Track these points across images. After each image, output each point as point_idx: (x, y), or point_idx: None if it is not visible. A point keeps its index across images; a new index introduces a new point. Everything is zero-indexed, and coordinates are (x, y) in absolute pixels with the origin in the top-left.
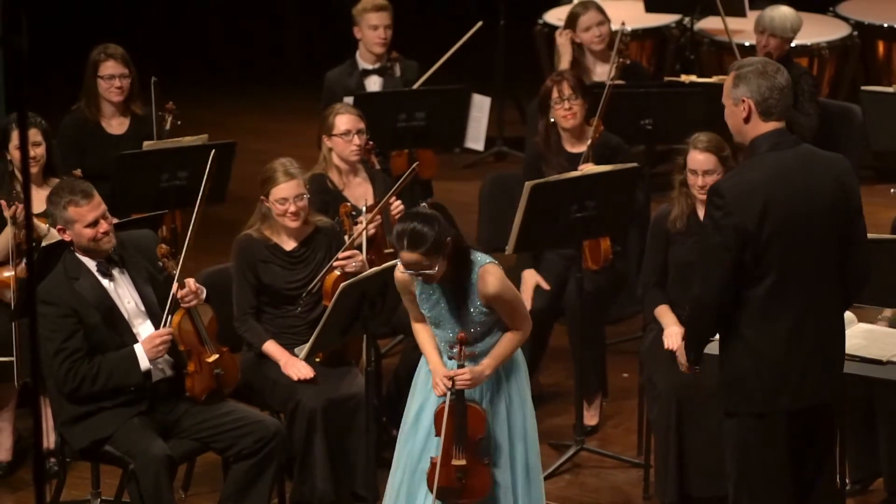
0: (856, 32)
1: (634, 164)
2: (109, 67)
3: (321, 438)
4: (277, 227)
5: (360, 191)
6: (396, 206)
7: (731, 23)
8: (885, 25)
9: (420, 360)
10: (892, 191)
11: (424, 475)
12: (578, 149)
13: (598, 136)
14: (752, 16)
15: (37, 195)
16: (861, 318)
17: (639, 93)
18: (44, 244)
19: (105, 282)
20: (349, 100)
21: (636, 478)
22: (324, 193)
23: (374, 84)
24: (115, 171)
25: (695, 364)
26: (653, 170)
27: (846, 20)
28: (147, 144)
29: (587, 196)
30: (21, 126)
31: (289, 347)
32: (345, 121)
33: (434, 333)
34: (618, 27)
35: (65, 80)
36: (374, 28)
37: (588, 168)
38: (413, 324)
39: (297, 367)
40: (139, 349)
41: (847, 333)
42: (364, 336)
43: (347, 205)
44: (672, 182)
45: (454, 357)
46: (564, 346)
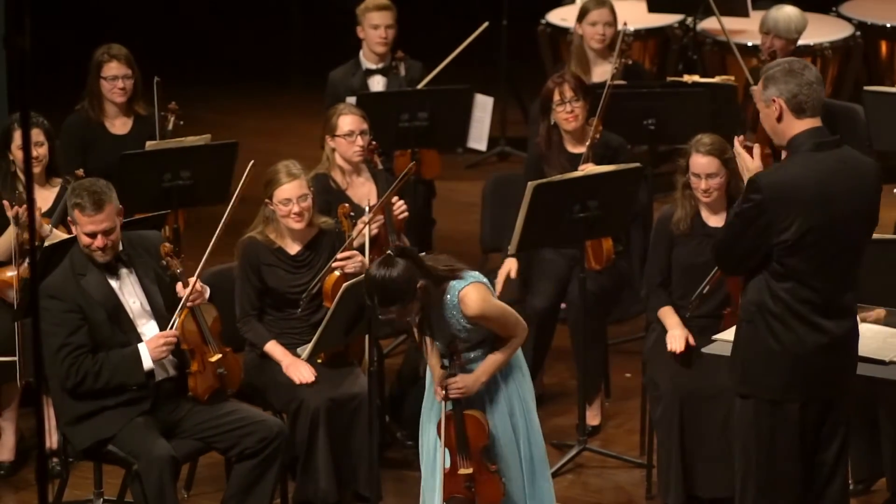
0: (858, 32)
1: (637, 164)
2: (113, 68)
3: (324, 438)
4: (281, 230)
5: (363, 191)
6: (399, 206)
7: (735, 23)
8: (888, 25)
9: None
10: (895, 191)
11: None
12: (580, 149)
13: (598, 137)
14: (755, 15)
15: (39, 195)
16: (863, 319)
17: (641, 93)
18: (46, 244)
19: (111, 280)
20: (352, 99)
21: (639, 478)
22: (327, 194)
23: (378, 84)
24: (118, 171)
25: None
26: (655, 170)
27: (849, 20)
28: (150, 144)
29: (590, 196)
30: (24, 126)
31: (291, 349)
32: (348, 121)
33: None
34: (620, 27)
35: (68, 81)
36: (376, 27)
37: (589, 168)
38: None
39: (300, 370)
40: (143, 348)
41: None
42: (367, 336)
43: (346, 206)
44: (675, 183)
45: (447, 366)
46: (567, 346)
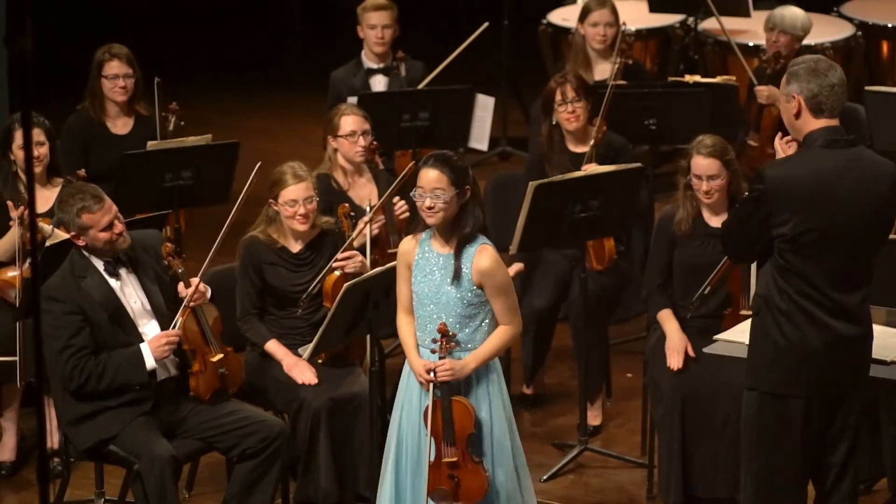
0: (859, 32)
1: (638, 164)
2: (114, 67)
3: (325, 438)
4: (284, 230)
5: (365, 191)
6: (401, 206)
7: (736, 23)
8: (889, 25)
9: (402, 371)
10: None
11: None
12: (582, 149)
13: (601, 137)
14: (756, 15)
15: (40, 195)
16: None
17: (643, 93)
18: (48, 244)
19: (112, 281)
20: (353, 99)
21: (640, 478)
22: (328, 194)
23: (379, 83)
24: (119, 171)
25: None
26: (657, 170)
27: (850, 20)
28: (151, 144)
29: (591, 196)
30: (25, 126)
31: (292, 348)
32: (350, 122)
33: (415, 319)
34: (620, 27)
35: (69, 81)
36: (373, 27)
37: (591, 168)
38: (398, 315)
39: (301, 370)
40: (145, 348)
41: None
42: (368, 336)
43: (346, 205)
44: (676, 183)
45: (436, 350)
46: (568, 346)
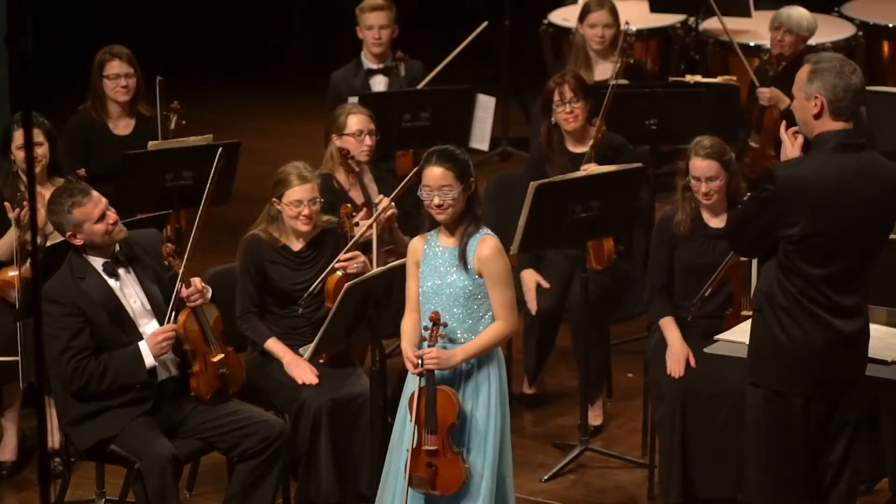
0: (860, 33)
1: (639, 164)
2: (115, 67)
3: (326, 438)
4: (285, 229)
5: (367, 190)
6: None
7: (737, 23)
8: (890, 25)
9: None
10: None
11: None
12: (581, 149)
13: (601, 137)
14: (757, 15)
15: (41, 195)
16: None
17: (643, 93)
18: (48, 244)
19: (111, 281)
20: (354, 99)
21: (641, 478)
22: (330, 194)
23: (380, 84)
24: (120, 171)
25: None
26: (657, 170)
27: (851, 20)
28: (152, 144)
29: (591, 196)
30: (26, 126)
31: (293, 348)
32: (356, 121)
33: (421, 316)
34: (622, 27)
35: (70, 81)
36: (370, 28)
37: (591, 168)
38: (405, 313)
39: (302, 369)
40: (144, 346)
41: None
42: (371, 336)
43: (348, 206)
44: (676, 184)
45: (426, 338)
46: (569, 347)
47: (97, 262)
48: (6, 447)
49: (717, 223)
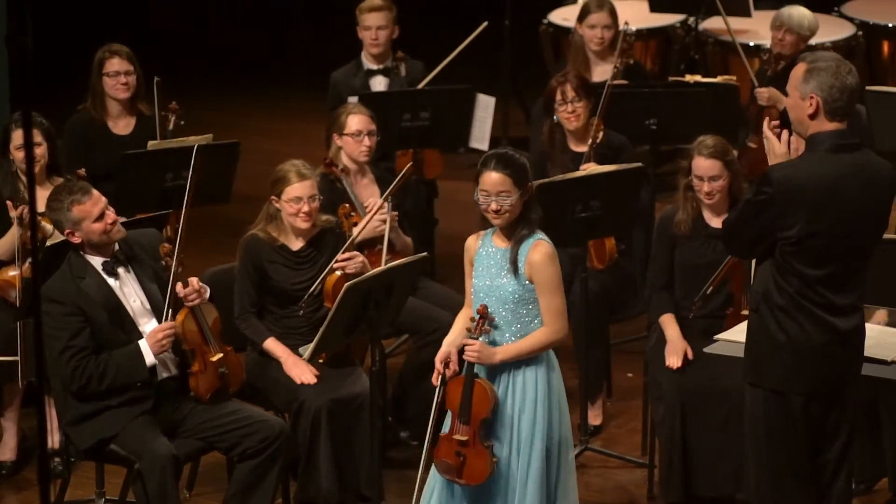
0: (860, 32)
1: (639, 164)
2: (115, 64)
3: (325, 438)
4: (284, 228)
5: (367, 192)
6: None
7: (736, 23)
8: (890, 25)
9: None
10: None
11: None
12: (583, 148)
13: (599, 137)
14: (757, 15)
15: (40, 195)
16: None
17: (643, 93)
18: (48, 244)
19: (111, 280)
20: (354, 99)
21: (640, 478)
22: (331, 193)
23: (379, 84)
24: (120, 171)
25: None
26: (657, 170)
27: (851, 20)
28: (151, 144)
29: (592, 196)
30: (26, 126)
31: (293, 348)
32: (356, 121)
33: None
34: (621, 27)
35: (70, 81)
36: (368, 28)
37: (591, 168)
38: (461, 310)
39: (301, 370)
40: (144, 345)
41: None
42: (371, 336)
43: (346, 206)
44: (677, 184)
45: (472, 329)
46: (568, 346)
47: (97, 262)
48: (6, 447)
49: (718, 223)
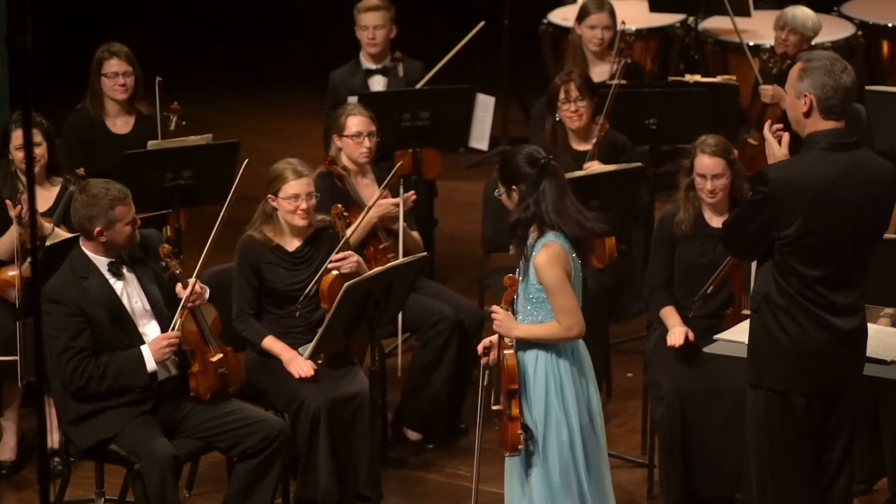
0: (860, 32)
1: (639, 164)
2: (113, 65)
3: (325, 438)
4: (280, 228)
5: (368, 192)
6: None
7: (737, 22)
8: (890, 25)
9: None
10: None
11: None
12: (585, 147)
13: (604, 135)
14: (757, 15)
15: (39, 195)
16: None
17: (643, 92)
18: (48, 244)
19: (114, 281)
20: (353, 99)
21: (640, 477)
22: (332, 192)
23: (378, 84)
24: (120, 171)
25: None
26: (657, 169)
27: (850, 20)
28: (151, 144)
29: (591, 195)
30: (25, 126)
31: (292, 348)
32: (356, 122)
33: None
34: (619, 27)
35: (69, 80)
36: (365, 28)
37: (593, 167)
38: None
39: (299, 364)
40: (146, 350)
41: None
42: (370, 335)
43: (339, 206)
44: (678, 184)
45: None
46: None
47: (101, 262)
48: (6, 447)
49: (719, 223)
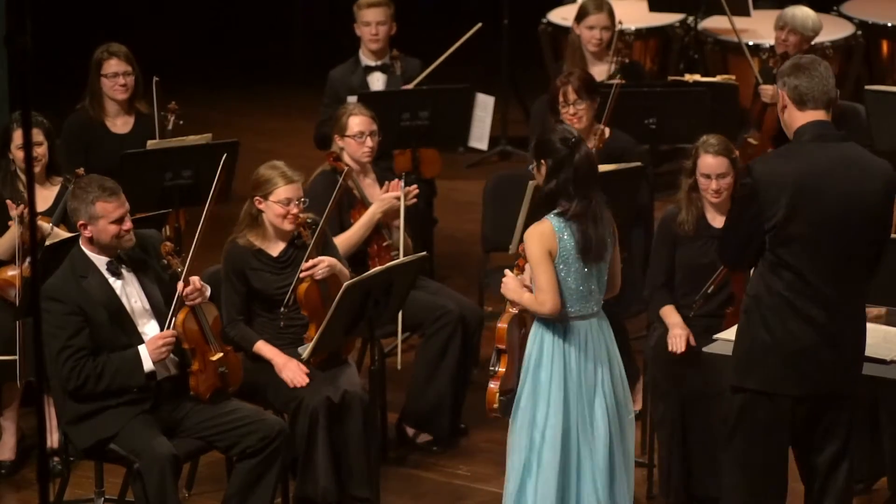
0: (860, 32)
1: (638, 164)
2: (113, 66)
3: (324, 437)
4: (265, 232)
5: (370, 192)
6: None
7: (736, 22)
8: (889, 25)
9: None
10: None
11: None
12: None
13: (602, 145)
14: (756, 15)
15: (39, 194)
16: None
17: (643, 92)
18: (47, 243)
19: (113, 280)
20: (353, 99)
21: (640, 477)
22: (334, 189)
23: (378, 81)
24: (119, 171)
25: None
26: (657, 169)
27: (850, 19)
28: (151, 144)
29: None
30: (25, 126)
31: (286, 350)
32: (358, 122)
33: None
34: (618, 27)
35: (69, 79)
36: (367, 24)
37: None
38: None
39: (293, 371)
40: (143, 350)
41: None
42: (370, 335)
43: (307, 214)
44: (678, 184)
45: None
46: None
47: (100, 261)
48: (5, 446)
49: (721, 223)
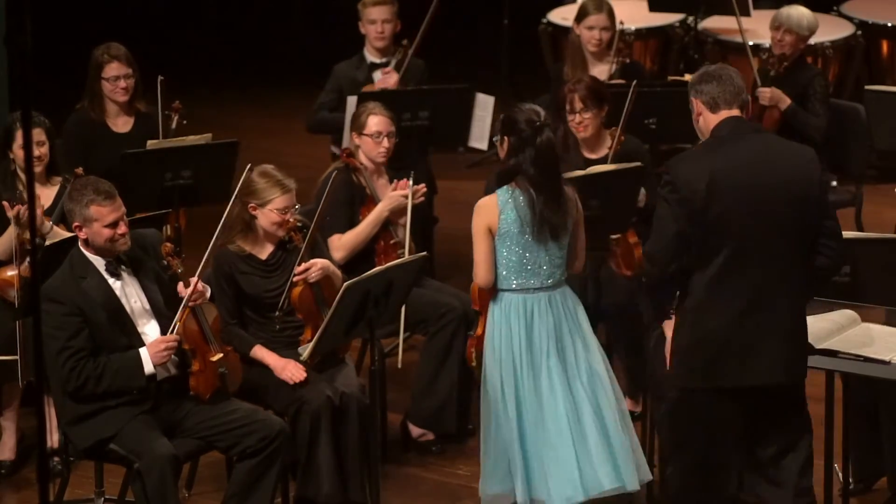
0: (860, 32)
1: (637, 164)
2: (114, 69)
3: (325, 438)
4: (256, 237)
5: (383, 192)
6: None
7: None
8: (889, 25)
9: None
10: None
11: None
12: (595, 155)
13: (619, 145)
14: (757, 15)
15: (40, 194)
16: (865, 318)
17: (643, 92)
18: (48, 242)
19: (112, 281)
20: (353, 99)
21: None
22: (348, 187)
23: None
24: (119, 170)
25: (657, 319)
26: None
27: (850, 19)
28: (151, 143)
29: (591, 195)
30: (25, 126)
31: (282, 352)
32: (376, 121)
33: None
34: (618, 27)
35: (69, 79)
36: (373, 22)
37: (593, 167)
38: None
39: (291, 371)
40: (144, 353)
41: (850, 333)
42: (370, 335)
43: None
44: None
45: None
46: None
47: (99, 262)
48: (5, 446)
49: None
